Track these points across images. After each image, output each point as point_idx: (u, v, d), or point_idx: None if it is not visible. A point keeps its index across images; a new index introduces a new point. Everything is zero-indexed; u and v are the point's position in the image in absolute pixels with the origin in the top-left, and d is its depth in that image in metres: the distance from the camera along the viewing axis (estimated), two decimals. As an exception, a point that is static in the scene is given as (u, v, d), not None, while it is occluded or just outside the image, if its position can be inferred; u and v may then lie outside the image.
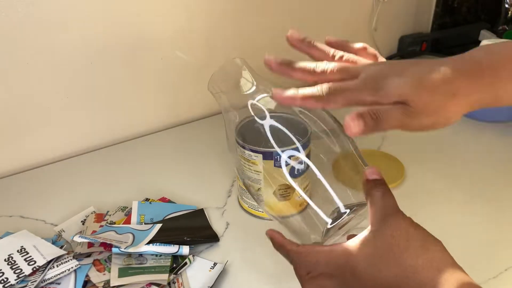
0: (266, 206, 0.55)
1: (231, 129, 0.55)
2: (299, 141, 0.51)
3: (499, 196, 0.60)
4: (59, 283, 0.47)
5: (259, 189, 0.54)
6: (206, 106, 0.87)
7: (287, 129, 0.55)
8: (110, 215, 0.58)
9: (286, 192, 0.53)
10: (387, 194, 0.36)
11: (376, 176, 0.38)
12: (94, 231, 0.54)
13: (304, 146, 0.52)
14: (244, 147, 0.52)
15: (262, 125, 0.55)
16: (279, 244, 0.41)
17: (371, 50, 0.43)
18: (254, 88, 0.51)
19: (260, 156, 0.52)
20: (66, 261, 0.48)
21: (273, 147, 0.50)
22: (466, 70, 0.34)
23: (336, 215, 0.45)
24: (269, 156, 0.51)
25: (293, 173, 0.52)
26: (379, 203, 0.36)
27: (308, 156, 0.54)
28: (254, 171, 0.53)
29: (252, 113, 0.53)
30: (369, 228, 0.35)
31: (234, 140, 0.55)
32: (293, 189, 0.53)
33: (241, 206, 0.60)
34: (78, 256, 0.50)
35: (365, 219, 0.41)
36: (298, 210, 0.56)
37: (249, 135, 0.54)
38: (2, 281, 0.45)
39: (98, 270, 0.48)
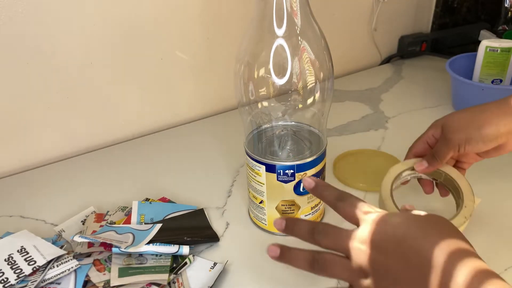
0: (268, 221, 0.54)
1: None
2: (311, 154, 0.49)
3: (499, 195, 0.60)
4: (59, 283, 0.47)
5: (261, 201, 0.53)
6: (206, 106, 0.87)
7: (300, 141, 0.53)
8: (110, 215, 0.58)
9: (290, 209, 0.52)
10: None
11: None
12: (94, 231, 0.54)
13: (316, 161, 0.50)
14: (249, 155, 0.51)
15: (274, 134, 0.54)
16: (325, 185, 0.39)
17: None
18: None
19: (263, 167, 0.50)
20: (66, 261, 0.48)
21: (279, 160, 0.49)
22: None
23: None
24: (272, 168, 0.49)
25: (298, 189, 0.50)
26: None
27: (321, 171, 0.52)
28: (258, 182, 0.51)
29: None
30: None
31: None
32: (298, 207, 0.52)
33: (251, 218, 0.58)
34: (78, 256, 0.50)
35: None
36: None
37: (260, 143, 0.53)
38: (2, 281, 0.45)
39: (98, 270, 0.48)
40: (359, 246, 0.34)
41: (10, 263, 0.48)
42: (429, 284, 0.30)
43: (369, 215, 0.35)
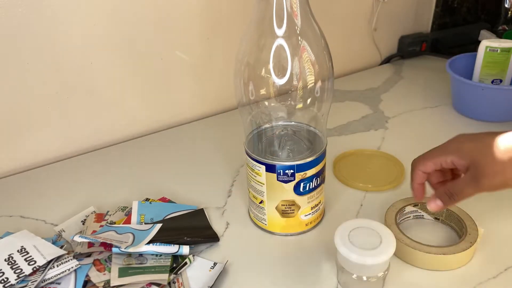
0: (268, 221, 0.54)
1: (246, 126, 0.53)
2: (311, 154, 0.49)
3: (498, 195, 0.60)
4: (59, 283, 0.47)
5: (261, 201, 0.53)
6: (206, 106, 0.87)
7: (300, 141, 0.53)
8: (110, 215, 0.58)
9: (290, 209, 0.52)
10: None
11: None
12: (94, 231, 0.54)
13: (316, 161, 0.50)
14: (249, 155, 0.51)
15: (274, 134, 0.54)
16: None
17: None
18: None
19: (263, 167, 0.50)
20: (66, 261, 0.48)
21: (279, 160, 0.49)
22: None
23: None
24: (272, 168, 0.49)
25: (298, 189, 0.51)
26: None
27: (321, 171, 0.52)
28: (258, 182, 0.51)
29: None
30: None
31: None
32: (298, 207, 0.52)
33: (251, 218, 0.58)
34: (78, 256, 0.50)
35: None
36: (303, 229, 0.55)
37: (260, 143, 0.53)
38: (2, 281, 0.45)
39: (98, 270, 0.48)
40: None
41: (10, 263, 0.48)
42: None
43: None
